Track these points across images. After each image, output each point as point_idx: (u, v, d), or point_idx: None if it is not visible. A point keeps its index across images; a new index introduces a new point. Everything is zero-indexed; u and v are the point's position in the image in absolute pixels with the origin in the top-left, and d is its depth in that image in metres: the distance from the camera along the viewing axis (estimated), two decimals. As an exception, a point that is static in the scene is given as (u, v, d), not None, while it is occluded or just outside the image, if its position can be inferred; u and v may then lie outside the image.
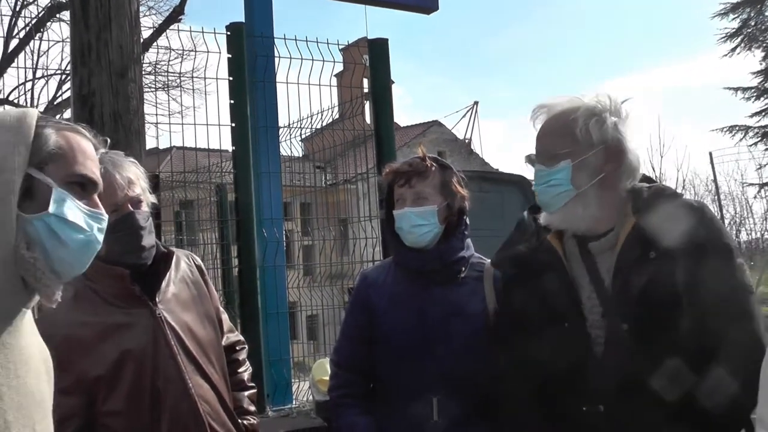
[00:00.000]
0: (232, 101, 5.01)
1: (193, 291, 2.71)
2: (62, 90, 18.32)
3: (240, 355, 2.92)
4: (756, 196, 28.76)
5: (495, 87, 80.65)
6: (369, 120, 6.53)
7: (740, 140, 26.74)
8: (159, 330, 2.51)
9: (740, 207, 30.49)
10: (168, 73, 15.88)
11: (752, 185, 28.55)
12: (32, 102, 17.51)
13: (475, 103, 32.89)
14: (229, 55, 5.05)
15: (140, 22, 4.32)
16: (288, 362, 5.40)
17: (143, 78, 4.17)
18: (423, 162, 2.88)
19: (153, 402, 2.47)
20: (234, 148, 5.02)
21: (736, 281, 2.34)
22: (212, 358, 2.65)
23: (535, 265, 2.48)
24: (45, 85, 19.35)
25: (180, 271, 2.71)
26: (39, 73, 18.05)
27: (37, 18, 16.01)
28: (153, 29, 11.65)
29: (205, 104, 5.80)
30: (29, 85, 18.14)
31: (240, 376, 2.87)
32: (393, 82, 5.69)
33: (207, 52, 5.05)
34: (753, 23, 26.33)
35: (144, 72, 4.44)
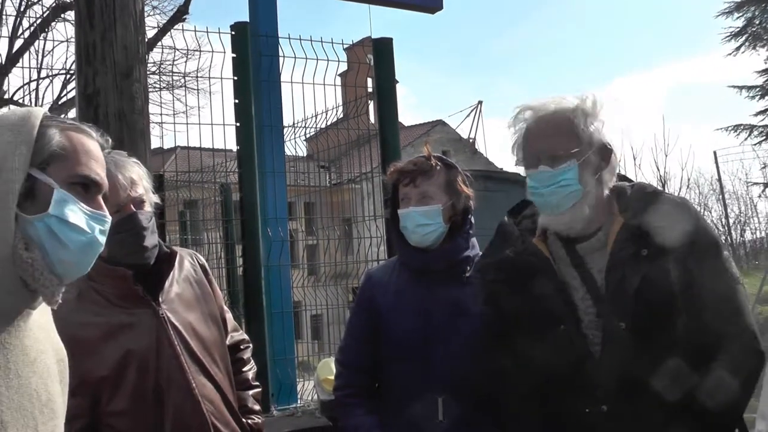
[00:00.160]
0: (237, 101, 5.00)
1: (197, 290, 2.71)
2: (67, 90, 18.32)
3: (244, 354, 2.92)
4: (760, 195, 28.63)
5: (499, 86, 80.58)
6: (373, 119, 6.52)
7: (745, 139, 26.62)
8: (162, 330, 2.51)
9: (744, 206, 30.44)
10: (172, 73, 15.93)
11: (756, 184, 28.43)
12: (37, 102, 17.55)
13: (479, 103, 32.98)
14: (234, 55, 5.03)
15: (145, 22, 4.32)
16: (293, 362, 5.38)
17: (148, 78, 4.17)
18: (428, 161, 2.88)
19: (156, 402, 2.48)
20: (238, 148, 5.01)
21: (728, 275, 2.37)
22: (216, 358, 2.65)
23: (523, 270, 2.45)
24: (50, 85, 19.42)
25: (184, 271, 2.71)
26: (43, 73, 18.12)
27: (42, 18, 16.06)
28: (157, 29, 11.67)
29: (210, 104, 5.79)
30: (34, 85, 18.21)
31: (244, 375, 2.87)
32: (397, 82, 5.68)
33: (211, 52, 5.02)
34: (758, 22, 26.20)
35: (148, 72, 4.44)
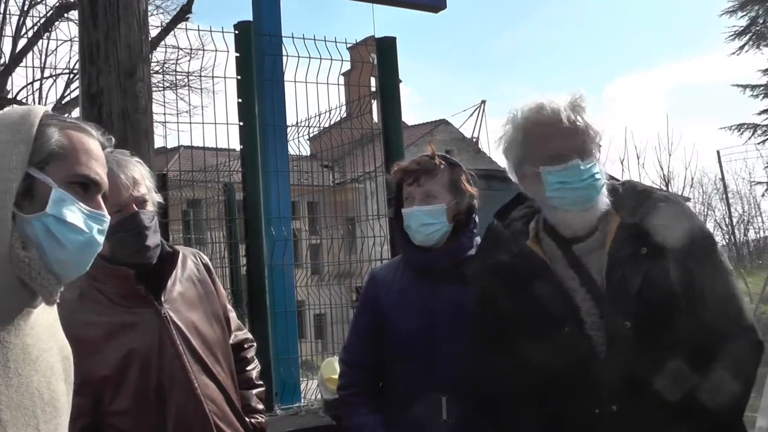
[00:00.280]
0: (240, 100, 5.00)
1: (200, 290, 2.70)
2: (70, 89, 18.38)
3: (248, 353, 2.92)
4: (764, 195, 28.62)
5: (503, 85, 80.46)
6: (376, 119, 6.52)
7: (749, 138, 26.61)
8: (164, 329, 2.51)
9: (748, 205, 30.42)
10: (176, 72, 15.94)
11: (760, 183, 28.45)
12: (40, 101, 17.55)
13: (483, 102, 32.89)
14: (237, 54, 5.03)
15: (148, 21, 4.32)
16: (296, 361, 5.38)
17: (151, 77, 4.17)
18: (432, 160, 2.87)
19: (159, 402, 2.48)
20: (242, 147, 5.01)
21: (725, 270, 2.37)
22: (219, 357, 2.65)
23: (520, 274, 2.41)
24: (53, 85, 19.40)
25: (187, 270, 2.70)
26: (47, 73, 18.11)
27: (45, 17, 16.06)
28: (161, 28, 11.67)
29: (213, 103, 5.79)
30: (37, 85, 18.20)
31: (248, 375, 2.87)
32: (401, 81, 5.67)
33: (215, 51, 5.02)
34: (761, 21, 26.18)
35: (152, 71, 4.44)
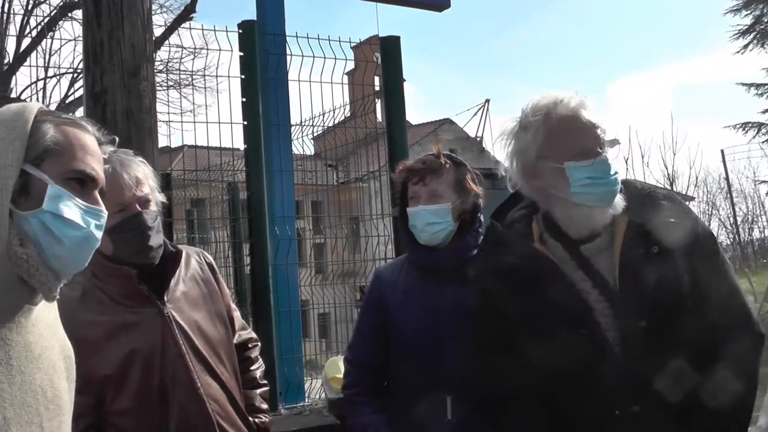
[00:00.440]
0: (244, 99, 4.99)
1: (204, 289, 2.70)
2: (74, 88, 18.40)
3: (252, 353, 2.91)
4: (768, 193, 28.57)
5: (507, 84, 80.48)
6: (380, 118, 6.51)
7: (753, 137, 26.57)
8: (167, 329, 2.51)
9: (753, 204, 30.34)
10: (180, 71, 15.90)
11: (764, 182, 28.38)
12: (44, 100, 17.57)
13: (487, 101, 32.82)
14: (241, 53, 5.02)
15: (152, 21, 4.32)
16: (300, 360, 5.38)
17: (155, 76, 4.17)
18: (437, 159, 2.87)
19: (161, 401, 2.47)
20: (246, 146, 5.00)
21: (727, 266, 2.39)
22: (223, 357, 2.64)
23: (530, 276, 2.36)
24: (57, 84, 19.43)
25: (190, 269, 2.70)
26: (51, 72, 18.14)
27: (49, 17, 16.08)
28: (164, 27, 11.68)
29: (217, 102, 5.81)
30: (41, 84, 18.22)
31: (252, 374, 2.86)
32: (405, 80, 5.66)
33: (219, 50, 5.03)
34: (766, 20, 26.12)
35: (156, 70, 4.44)
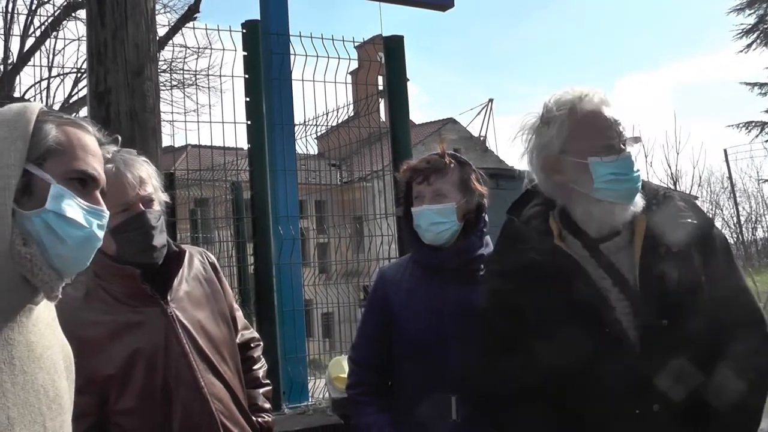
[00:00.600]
0: (248, 99, 5.00)
1: (207, 289, 2.70)
2: (78, 88, 18.38)
3: (255, 353, 2.91)
4: (772, 193, 28.55)
5: (508, 84, 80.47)
6: (384, 117, 6.51)
7: (756, 136, 26.58)
8: (171, 328, 2.50)
9: (756, 204, 30.33)
10: (183, 71, 15.95)
11: (767, 181, 28.36)
12: (48, 100, 17.58)
13: (490, 101, 32.81)
14: (245, 53, 5.03)
15: (156, 20, 4.32)
16: (304, 360, 5.38)
17: (159, 76, 4.17)
18: (442, 159, 2.86)
19: (165, 401, 2.47)
20: (249, 146, 5.01)
21: (738, 268, 2.40)
22: (226, 356, 2.64)
23: (550, 273, 2.33)
24: (61, 84, 19.46)
25: (193, 269, 2.70)
26: (55, 72, 18.10)
27: (53, 16, 16.08)
28: (168, 27, 11.70)
29: (221, 102, 5.84)
30: (45, 84, 18.21)
31: (255, 374, 2.86)
32: (408, 80, 5.67)
33: (222, 50, 5.02)
34: (770, 19, 26.16)
35: (159, 70, 4.44)
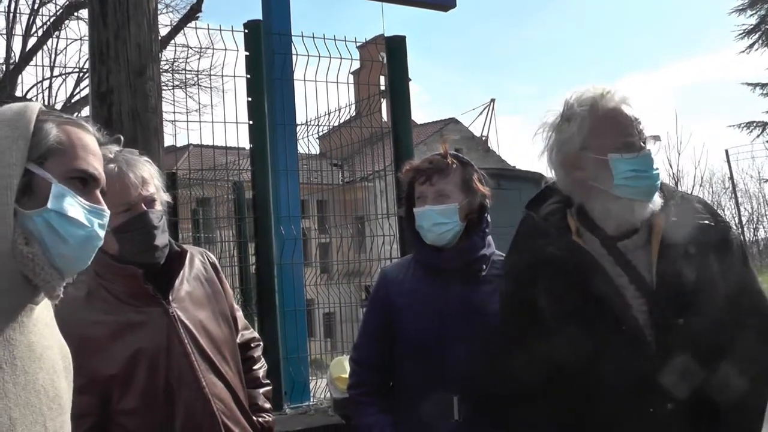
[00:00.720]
0: (250, 99, 5.00)
1: (207, 289, 2.70)
2: (80, 88, 18.40)
3: (255, 353, 2.91)
4: (773, 193, 28.54)
5: (511, 83, 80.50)
6: (386, 117, 6.52)
7: (757, 136, 26.58)
8: (172, 328, 2.51)
9: (757, 204, 30.31)
10: (185, 71, 15.94)
11: (768, 182, 28.36)
12: (50, 100, 17.59)
13: (492, 101, 32.82)
14: (247, 53, 5.03)
15: (158, 20, 4.32)
16: (305, 360, 5.39)
17: (161, 76, 4.17)
18: (444, 159, 2.86)
19: (167, 401, 2.47)
20: (251, 146, 5.01)
21: (752, 269, 2.40)
22: (227, 356, 2.65)
23: (568, 268, 2.33)
24: (63, 83, 19.45)
25: (194, 269, 2.70)
26: (57, 71, 18.15)
27: (55, 16, 16.09)
28: (170, 27, 11.69)
29: (223, 102, 5.83)
30: (47, 83, 18.24)
31: (255, 374, 2.86)
32: (410, 80, 5.67)
33: (224, 50, 5.03)
34: (772, 19, 26.15)
35: (161, 70, 4.44)
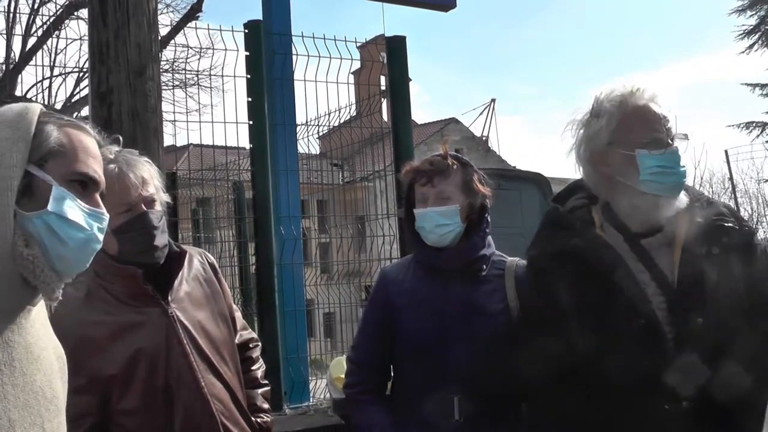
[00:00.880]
0: (250, 99, 5.01)
1: (206, 289, 2.70)
2: (80, 88, 18.37)
3: (253, 353, 2.92)
4: (773, 193, 28.56)
5: (511, 83, 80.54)
6: (386, 117, 6.52)
7: (757, 136, 26.60)
8: (171, 329, 2.51)
9: (757, 204, 30.29)
10: (185, 71, 15.92)
11: (768, 182, 28.38)
12: (50, 100, 17.57)
13: (493, 101, 32.79)
14: (247, 53, 5.04)
15: (158, 20, 4.32)
16: (305, 360, 5.39)
17: (161, 76, 4.17)
18: (444, 160, 2.84)
19: (166, 401, 2.48)
20: (251, 146, 5.02)
21: None
22: (225, 357, 2.65)
23: (591, 261, 2.36)
24: (63, 83, 19.42)
25: (193, 269, 2.70)
26: (57, 71, 18.09)
27: (55, 16, 16.08)
28: (170, 27, 11.69)
29: (223, 102, 5.86)
30: (47, 83, 18.20)
31: (253, 374, 2.87)
32: (410, 80, 5.67)
33: (225, 50, 5.04)
34: (771, 20, 26.15)
35: (161, 70, 4.44)
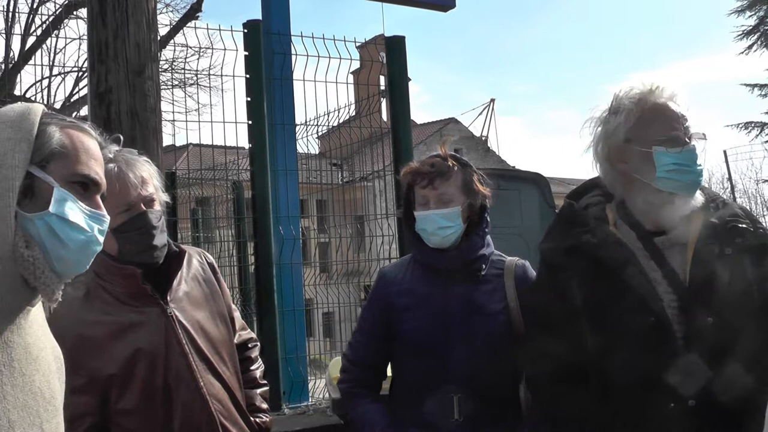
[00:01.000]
0: (249, 99, 5.01)
1: (205, 289, 2.71)
2: (79, 87, 18.37)
3: (252, 353, 2.92)
4: (772, 193, 28.57)
5: (511, 83, 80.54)
6: (385, 117, 6.52)
7: (756, 136, 26.60)
8: (170, 328, 2.51)
9: (755, 205, 30.30)
10: (185, 71, 15.93)
11: (767, 182, 28.38)
12: (49, 99, 17.57)
13: (492, 101, 32.78)
14: (246, 53, 5.04)
15: (157, 20, 4.32)
16: (304, 359, 5.39)
17: (160, 75, 4.17)
18: (445, 162, 2.83)
19: (165, 401, 2.48)
20: (251, 146, 5.02)
21: None
22: (224, 356, 2.65)
23: (603, 258, 2.37)
24: (62, 83, 19.43)
25: (192, 269, 2.71)
26: (56, 71, 18.10)
27: (54, 15, 16.06)
28: (170, 27, 11.69)
29: (222, 102, 5.85)
30: (46, 83, 18.20)
31: (252, 374, 2.87)
32: (410, 80, 5.67)
33: (224, 50, 5.03)
34: (771, 21, 26.16)
35: (161, 69, 4.44)
